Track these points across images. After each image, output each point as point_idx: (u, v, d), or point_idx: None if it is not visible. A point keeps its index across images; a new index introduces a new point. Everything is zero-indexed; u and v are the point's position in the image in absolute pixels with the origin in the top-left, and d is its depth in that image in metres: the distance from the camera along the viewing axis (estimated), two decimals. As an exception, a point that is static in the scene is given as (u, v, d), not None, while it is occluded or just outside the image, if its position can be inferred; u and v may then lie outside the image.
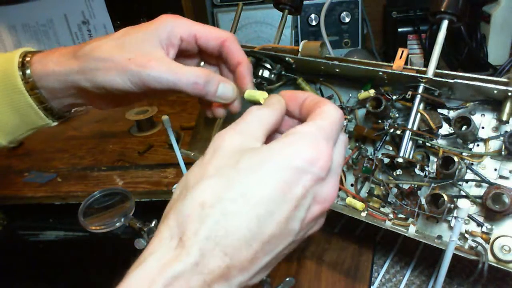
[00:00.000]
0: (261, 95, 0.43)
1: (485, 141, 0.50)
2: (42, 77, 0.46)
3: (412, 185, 0.54)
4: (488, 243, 0.48)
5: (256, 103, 0.43)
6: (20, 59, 0.47)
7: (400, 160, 0.52)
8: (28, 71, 0.46)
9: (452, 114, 0.53)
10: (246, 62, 0.47)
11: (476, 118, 0.51)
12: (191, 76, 0.43)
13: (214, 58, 0.51)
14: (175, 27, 0.45)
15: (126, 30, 0.46)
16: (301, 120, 0.38)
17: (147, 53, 0.44)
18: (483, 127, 0.51)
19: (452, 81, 0.48)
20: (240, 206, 0.29)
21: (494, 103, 0.50)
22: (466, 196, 0.50)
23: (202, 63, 0.53)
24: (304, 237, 0.34)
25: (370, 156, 0.57)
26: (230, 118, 0.45)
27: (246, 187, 0.29)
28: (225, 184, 0.30)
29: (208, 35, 0.46)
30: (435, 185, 0.51)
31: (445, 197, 0.48)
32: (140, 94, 0.47)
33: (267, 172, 0.30)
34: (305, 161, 0.31)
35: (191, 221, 0.28)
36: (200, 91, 0.44)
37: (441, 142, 0.53)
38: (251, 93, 0.44)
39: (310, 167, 0.31)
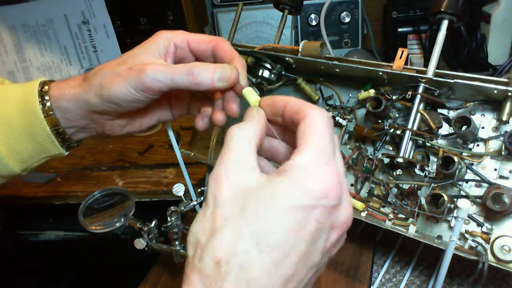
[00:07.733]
0: (254, 102, 0.42)
1: (485, 141, 0.50)
2: (57, 99, 0.49)
3: (412, 185, 0.54)
4: (488, 243, 0.48)
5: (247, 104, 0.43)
6: (39, 87, 0.50)
7: (400, 160, 0.52)
8: (46, 97, 0.49)
9: (452, 114, 0.53)
10: (239, 58, 0.48)
11: (476, 118, 0.51)
12: (185, 68, 0.45)
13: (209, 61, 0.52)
14: (170, 38, 0.49)
15: (127, 51, 0.50)
16: (286, 125, 0.38)
17: (146, 61, 0.47)
18: (483, 127, 0.51)
19: (452, 81, 0.48)
20: (255, 256, 0.29)
21: (494, 103, 0.50)
22: (466, 196, 0.50)
23: None
24: (328, 261, 0.35)
25: (370, 156, 0.57)
26: (230, 123, 0.44)
27: (256, 235, 0.29)
28: (235, 236, 0.30)
29: (199, 39, 0.49)
30: (435, 185, 0.51)
31: (445, 197, 0.48)
32: (148, 109, 0.52)
33: (275, 216, 0.30)
34: (314, 198, 0.30)
35: (214, 282, 0.29)
36: (197, 80, 0.45)
37: (441, 142, 0.53)
38: (249, 93, 0.44)
39: (320, 201, 0.30)
